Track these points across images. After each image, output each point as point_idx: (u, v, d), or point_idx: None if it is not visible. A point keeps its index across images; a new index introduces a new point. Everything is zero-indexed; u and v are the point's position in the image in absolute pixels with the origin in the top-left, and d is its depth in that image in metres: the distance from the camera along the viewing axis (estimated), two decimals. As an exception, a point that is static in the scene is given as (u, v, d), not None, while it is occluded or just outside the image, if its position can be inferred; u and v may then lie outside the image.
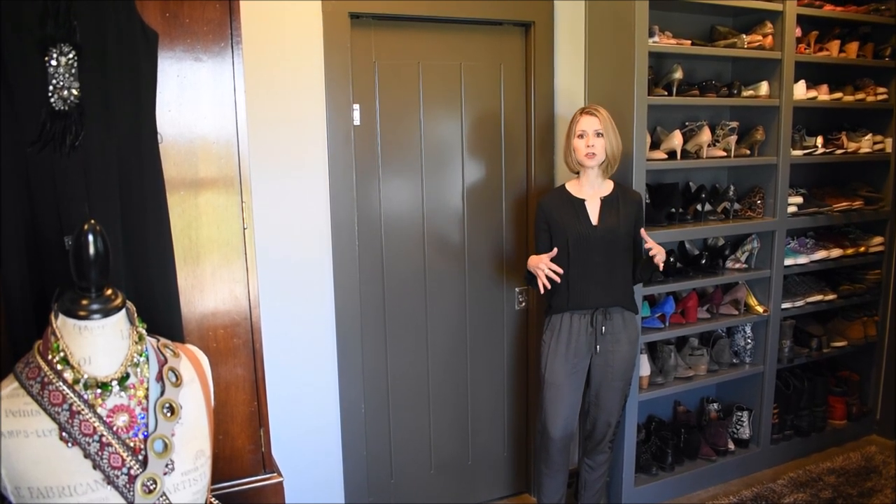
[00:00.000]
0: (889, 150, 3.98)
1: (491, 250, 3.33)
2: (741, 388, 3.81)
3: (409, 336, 3.21)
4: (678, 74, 3.27)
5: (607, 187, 2.91)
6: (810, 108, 3.70)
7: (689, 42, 3.34)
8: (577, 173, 2.93)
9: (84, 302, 1.20)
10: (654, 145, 3.39)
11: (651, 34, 3.14)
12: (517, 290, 3.38)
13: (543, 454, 3.01)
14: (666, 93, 3.30)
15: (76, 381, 1.17)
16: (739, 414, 3.75)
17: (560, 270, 2.75)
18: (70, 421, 1.14)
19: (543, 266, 2.75)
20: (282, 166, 2.77)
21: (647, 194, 3.25)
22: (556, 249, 2.80)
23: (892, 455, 3.88)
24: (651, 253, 2.77)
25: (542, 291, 2.79)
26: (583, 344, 2.89)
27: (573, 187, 2.91)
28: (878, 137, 3.97)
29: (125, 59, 1.47)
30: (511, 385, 3.47)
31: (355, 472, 3.08)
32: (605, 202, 2.88)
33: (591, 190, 2.89)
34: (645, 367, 3.37)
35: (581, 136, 2.81)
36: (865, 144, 3.89)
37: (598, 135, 2.80)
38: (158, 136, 1.57)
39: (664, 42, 3.24)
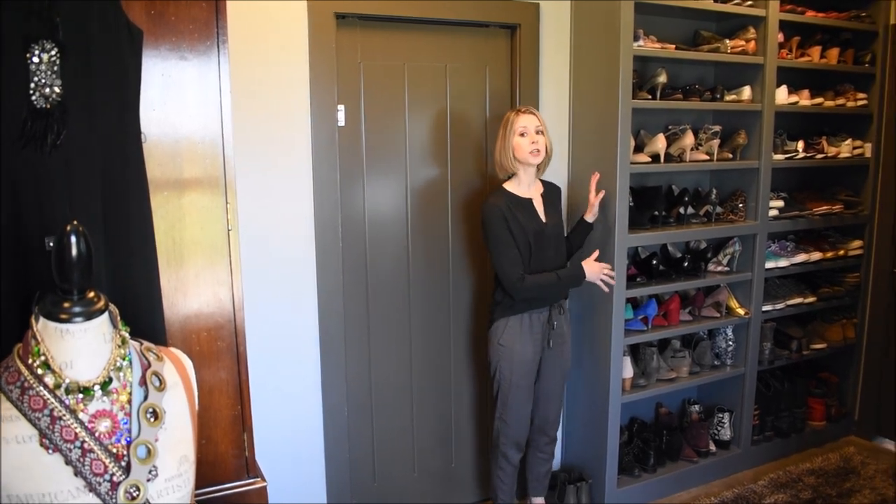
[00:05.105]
0: (868, 154, 4.03)
1: (475, 252, 3.32)
2: (722, 390, 3.83)
3: (392, 338, 3.20)
4: (662, 78, 3.29)
5: (539, 185, 2.98)
6: (792, 112, 3.73)
7: (674, 46, 3.35)
8: (510, 176, 2.94)
9: (66, 305, 1.18)
10: (638, 148, 3.40)
11: (636, 38, 3.15)
12: (501, 292, 3.38)
13: (504, 457, 3.03)
14: (650, 96, 3.31)
15: (57, 386, 1.14)
16: (720, 415, 3.77)
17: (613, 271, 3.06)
18: (51, 427, 1.12)
19: (606, 270, 3.02)
20: (266, 167, 2.75)
21: (630, 197, 3.26)
22: (597, 251, 3.05)
23: (870, 456, 3.93)
24: (594, 200, 3.07)
25: (607, 290, 3.07)
26: (539, 342, 2.96)
27: (514, 188, 2.92)
28: (858, 142, 4.01)
29: (109, 56, 1.45)
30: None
31: (338, 475, 3.06)
32: (545, 199, 2.97)
33: (531, 189, 2.94)
34: (627, 370, 3.38)
35: (523, 135, 2.82)
36: (845, 149, 3.93)
37: (539, 132, 2.84)
38: (142, 136, 1.55)
39: (649, 46, 3.25)
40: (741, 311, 3.66)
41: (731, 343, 3.73)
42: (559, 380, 3.09)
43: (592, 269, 2.98)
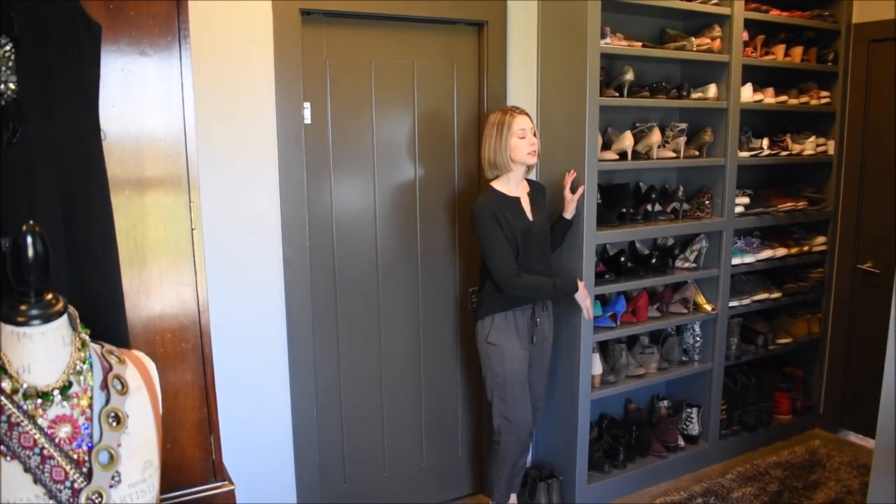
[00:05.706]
0: (831, 152, 4.10)
1: (444, 250, 3.31)
2: (690, 385, 3.87)
3: (361, 337, 3.17)
4: (629, 76, 3.30)
5: (525, 184, 3.02)
6: (757, 110, 3.77)
7: (640, 44, 3.37)
8: (497, 175, 2.95)
9: (22, 307, 1.14)
10: (606, 146, 3.42)
11: (603, 35, 3.16)
12: (471, 290, 3.37)
13: (509, 455, 3.01)
14: (617, 94, 3.33)
15: (14, 391, 1.11)
16: (689, 410, 3.81)
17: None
18: (8, 433, 1.08)
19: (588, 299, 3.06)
20: (230, 165, 2.70)
21: (598, 194, 3.28)
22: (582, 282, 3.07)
23: (835, 448, 3.99)
24: (571, 197, 3.10)
25: (587, 317, 3.12)
26: (525, 338, 2.99)
27: (502, 187, 2.94)
28: (821, 140, 4.08)
29: (67, 52, 1.41)
30: (465, 385, 3.46)
31: (307, 475, 3.03)
32: (531, 198, 3.00)
33: (519, 188, 2.97)
34: (597, 366, 3.40)
35: (522, 137, 2.85)
36: (809, 146, 3.99)
37: (534, 133, 2.89)
38: (102, 133, 1.51)
39: (616, 43, 3.27)
40: (708, 307, 3.70)
41: (698, 339, 3.77)
42: (542, 377, 3.14)
43: (583, 291, 3.02)
